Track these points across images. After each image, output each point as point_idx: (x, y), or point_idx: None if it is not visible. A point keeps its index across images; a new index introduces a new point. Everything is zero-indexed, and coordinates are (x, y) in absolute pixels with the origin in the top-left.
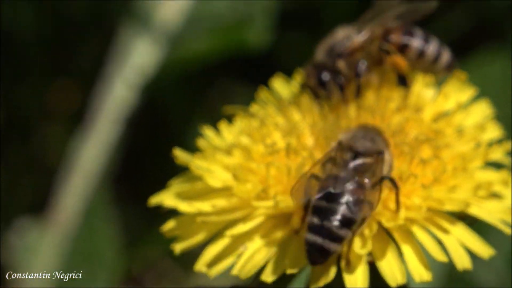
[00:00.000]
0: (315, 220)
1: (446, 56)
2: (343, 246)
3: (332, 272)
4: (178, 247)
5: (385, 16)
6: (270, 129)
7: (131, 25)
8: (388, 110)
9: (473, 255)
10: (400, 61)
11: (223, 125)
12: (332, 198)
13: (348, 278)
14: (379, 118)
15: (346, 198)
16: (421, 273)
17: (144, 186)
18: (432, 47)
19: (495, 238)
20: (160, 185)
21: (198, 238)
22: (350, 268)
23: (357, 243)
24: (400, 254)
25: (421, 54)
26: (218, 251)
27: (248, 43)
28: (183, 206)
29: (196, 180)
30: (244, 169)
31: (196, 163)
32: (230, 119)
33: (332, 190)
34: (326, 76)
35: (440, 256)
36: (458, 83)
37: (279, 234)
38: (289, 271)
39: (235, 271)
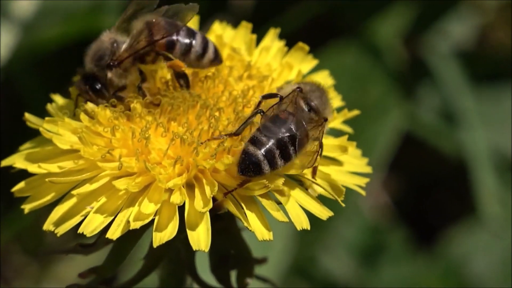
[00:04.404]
0: (264, 138)
1: (211, 50)
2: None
3: (173, 229)
4: (28, 207)
5: (149, 18)
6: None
7: None
8: (232, 78)
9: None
10: (179, 63)
11: (72, 91)
12: (288, 130)
13: (191, 235)
14: (222, 85)
15: (297, 138)
16: (262, 232)
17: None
18: (197, 42)
19: (339, 231)
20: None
21: (47, 198)
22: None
23: (198, 201)
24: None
25: (187, 49)
26: (65, 211)
27: (103, 28)
28: (32, 168)
29: (47, 144)
30: (91, 132)
31: (45, 126)
32: None
33: (291, 125)
34: (98, 85)
35: (279, 217)
36: (301, 54)
37: (123, 194)
38: (133, 226)
39: (80, 230)
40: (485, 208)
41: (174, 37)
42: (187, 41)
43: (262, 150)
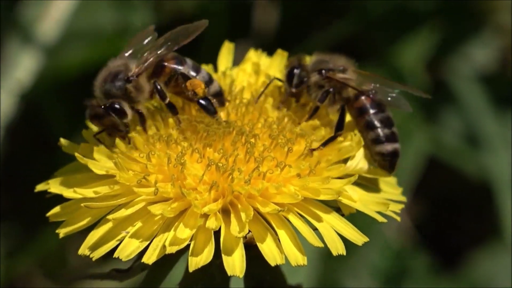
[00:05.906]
0: (386, 130)
1: (215, 84)
2: None
3: (209, 254)
4: (63, 231)
5: (158, 43)
6: (152, 121)
7: (14, 38)
8: (268, 105)
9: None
10: (198, 82)
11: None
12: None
13: (226, 261)
14: (257, 112)
15: None
16: (296, 257)
17: (23, 196)
18: (201, 76)
19: (363, 255)
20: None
21: (83, 223)
22: None
23: (233, 227)
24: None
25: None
26: (100, 235)
27: None
28: (68, 193)
29: (82, 169)
30: (127, 157)
31: (81, 152)
32: None
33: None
34: (116, 104)
35: (315, 242)
36: None
37: (159, 219)
38: (169, 251)
39: (116, 254)
40: (509, 230)
41: (181, 67)
42: (192, 71)
43: (394, 141)
